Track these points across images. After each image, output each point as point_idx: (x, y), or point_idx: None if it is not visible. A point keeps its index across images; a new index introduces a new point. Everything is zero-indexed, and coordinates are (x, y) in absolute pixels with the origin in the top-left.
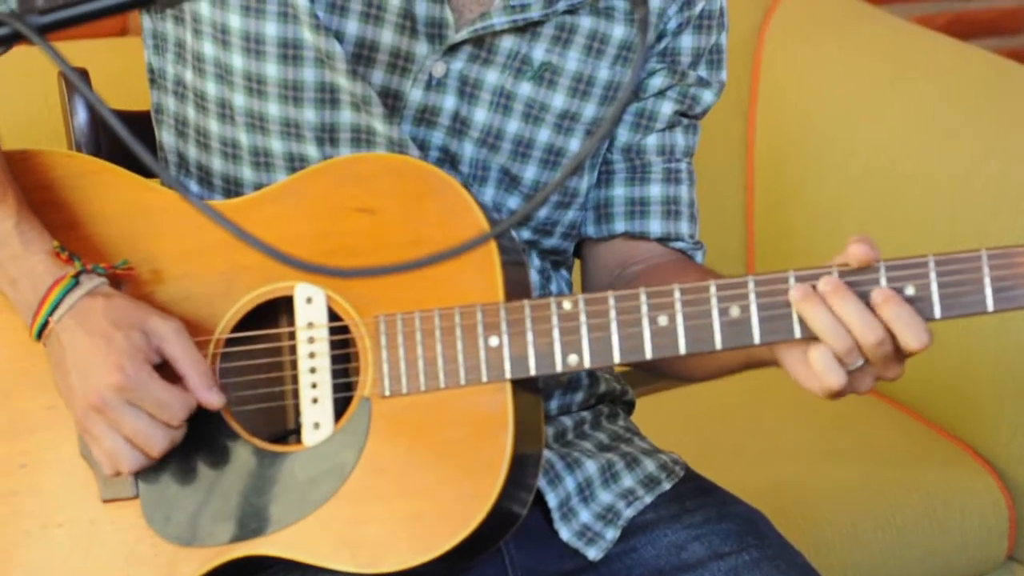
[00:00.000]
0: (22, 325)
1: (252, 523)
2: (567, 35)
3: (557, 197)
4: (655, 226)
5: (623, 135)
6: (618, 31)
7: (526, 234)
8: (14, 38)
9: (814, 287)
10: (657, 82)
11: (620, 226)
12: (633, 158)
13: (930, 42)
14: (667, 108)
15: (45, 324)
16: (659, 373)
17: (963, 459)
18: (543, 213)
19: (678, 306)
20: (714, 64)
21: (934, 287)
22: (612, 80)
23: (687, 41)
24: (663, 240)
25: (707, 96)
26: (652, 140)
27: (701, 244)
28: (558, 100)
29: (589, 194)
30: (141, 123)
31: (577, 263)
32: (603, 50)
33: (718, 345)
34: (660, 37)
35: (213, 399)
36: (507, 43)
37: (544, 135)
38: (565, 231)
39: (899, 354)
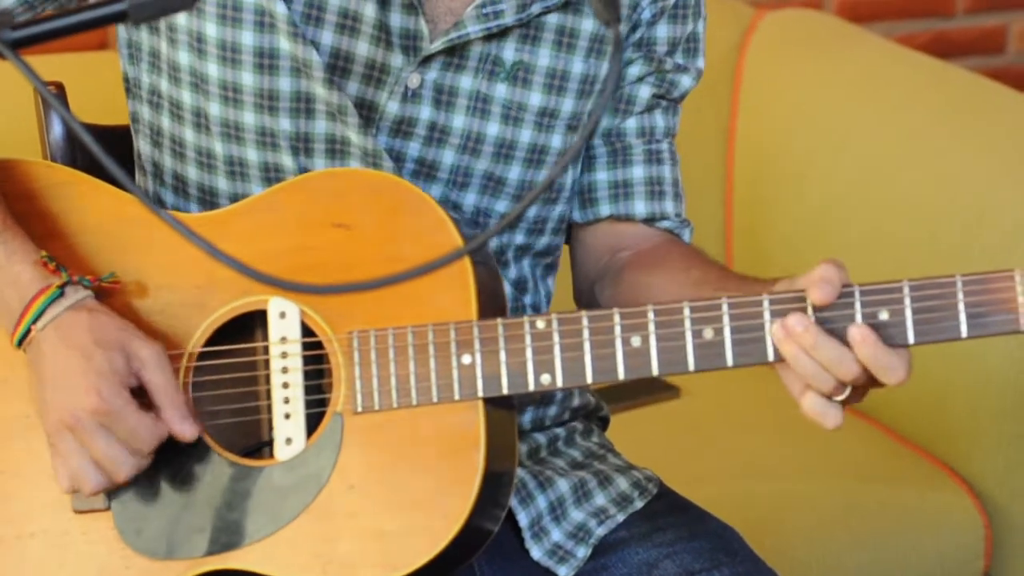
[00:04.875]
0: (3, 333)
1: (223, 537)
2: (535, 32)
3: (543, 195)
4: (640, 207)
5: (603, 121)
6: (587, 25)
7: (520, 238)
8: None
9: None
10: (634, 71)
11: (605, 209)
12: (614, 142)
13: (911, 61)
14: (645, 92)
15: (27, 332)
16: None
17: (940, 478)
18: (532, 212)
19: (651, 327)
20: (691, 52)
21: (908, 312)
22: (587, 73)
23: (662, 31)
24: (649, 220)
25: (685, 81)
26: (631, 123)
27: (688, 222)
28: (535, 98)
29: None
30: (119, 137)
31: (565, 254)
32: (574, 44)
33: (691, 367)
34: (634, 27)
35: (187, 431)
36: (477, 47)
37: (526, 135)
38: (555, 226)
39: None
